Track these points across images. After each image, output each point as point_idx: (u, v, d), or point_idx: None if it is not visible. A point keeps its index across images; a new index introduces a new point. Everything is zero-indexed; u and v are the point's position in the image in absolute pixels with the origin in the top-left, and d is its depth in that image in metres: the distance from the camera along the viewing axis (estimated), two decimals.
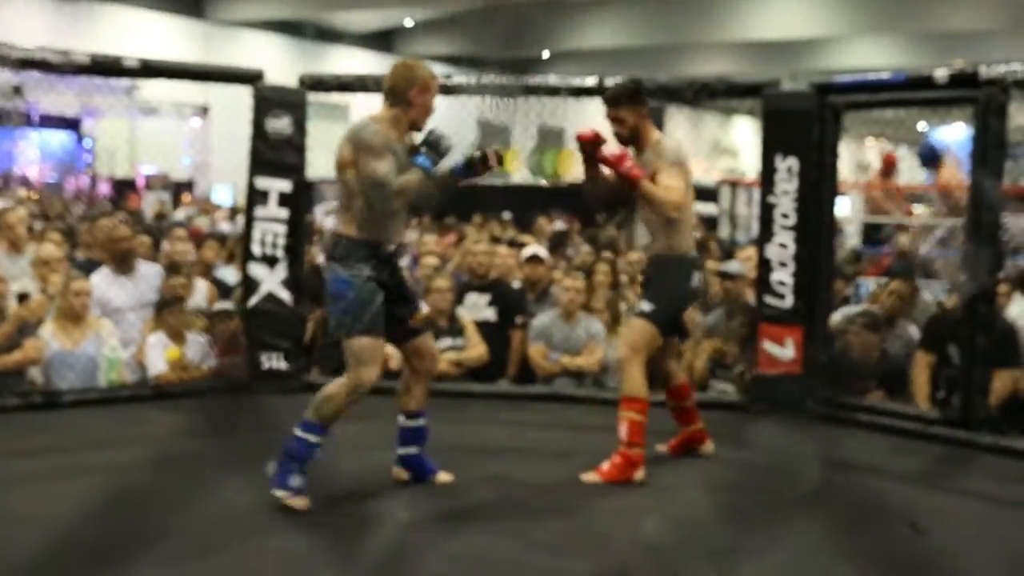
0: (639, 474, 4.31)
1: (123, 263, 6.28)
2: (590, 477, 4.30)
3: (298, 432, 3.94)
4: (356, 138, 3.91)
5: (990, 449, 5.02)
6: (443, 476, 4.31)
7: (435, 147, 3.95)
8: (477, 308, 6.39)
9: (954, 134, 8.77)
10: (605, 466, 4.31)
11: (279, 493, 3.89)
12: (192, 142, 16.62)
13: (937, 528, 3.86)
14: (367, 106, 7.54)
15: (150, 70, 6.18)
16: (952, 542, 3.64)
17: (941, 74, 5.39)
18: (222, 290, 6.77)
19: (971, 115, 5.35)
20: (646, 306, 4.41)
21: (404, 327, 4.13)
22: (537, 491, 4.26)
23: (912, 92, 5.84)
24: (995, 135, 5.21)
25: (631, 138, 4.42)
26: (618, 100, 4.40)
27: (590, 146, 4.30)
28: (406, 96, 3.98)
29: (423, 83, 4.02)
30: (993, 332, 5.24)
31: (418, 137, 4.03)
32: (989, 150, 5.22)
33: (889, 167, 9.94)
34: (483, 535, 3.72)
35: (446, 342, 6.17)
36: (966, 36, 19.08)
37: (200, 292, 6.54)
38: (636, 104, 4.42)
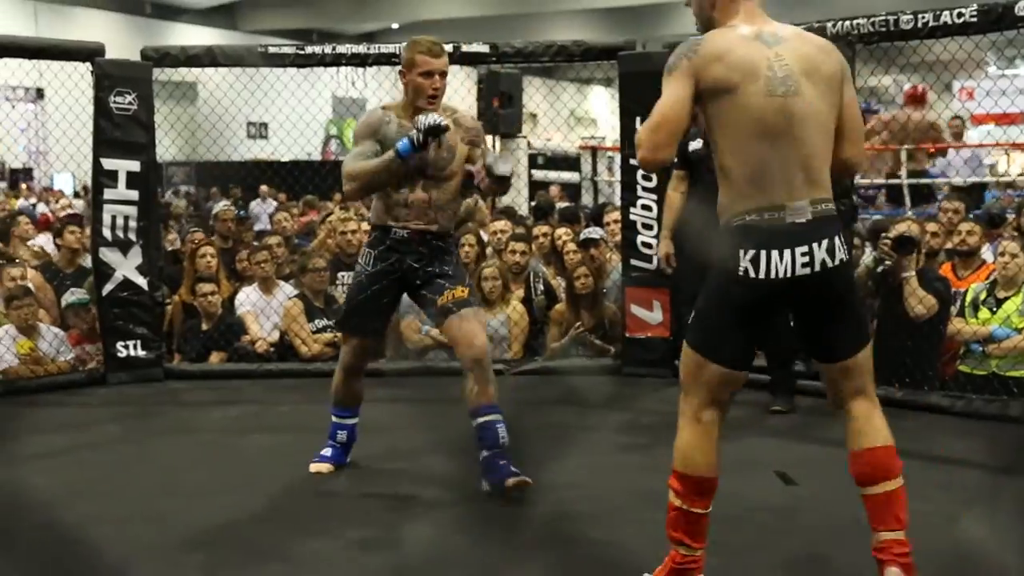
0: None
1: None
2: None
3: None
4: None
5: None
6: (514, 480, 3.69)
7: (419, 128, 3.59)
8: None
9: None
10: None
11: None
12: (27, 128, 15.83)
13: (804, 478, 3.96)
14: (216, 83, 7.39)
15: None
16: (820, 490, 3.74)
17: None
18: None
19: None
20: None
21: (435, 309, 3.82)
22: (423, 466, 4.20)
23: None
24: None
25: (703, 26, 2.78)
26: None
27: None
28: (402, 77, 3.79)
29: (407, 61, 3.76)
30: None
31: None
32: None
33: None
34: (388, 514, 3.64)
35: (322, 323, 6.07)
36: None
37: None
38: None
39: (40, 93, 14.85)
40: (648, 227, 5.92)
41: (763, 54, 2.61)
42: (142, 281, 5.91)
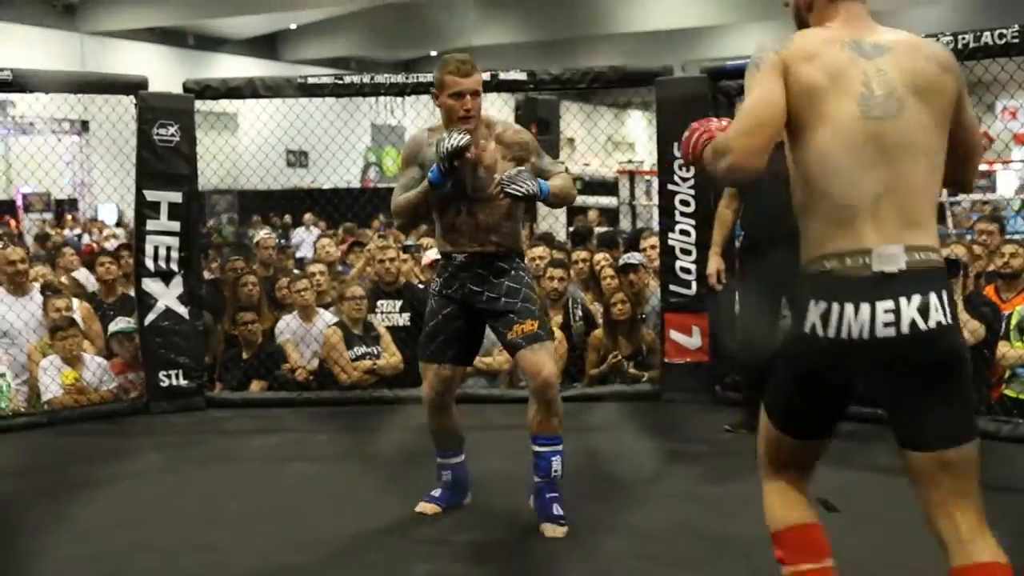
0: None
1: (18, 285, 6.09)
2: None
3: None
4: None
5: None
6: (551, 530, 3.68)
7: (441, 156, 3.52)
8: (390, 315, 6.32)
9: None
10: None
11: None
12: (72, 160, 16.08)
13: (846, 504, 3.90)
14: (257, 114, 7.47)
15: (25, 82, 5.90)
16: (860, 517, 3.69)
17: None
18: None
19: None
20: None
21: (506, 343, 3.75)
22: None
23: None
24: None
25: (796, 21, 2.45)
26: None
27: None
28: (435, 99, 3.69)
29: (437, 82, 3.64)
30: None
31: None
32: None
33: None
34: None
35: (360, 350, 6.10)
36: None
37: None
38: None
39: (85, 126, 15.08)
40: (687, 252, 5.89)
41: (859, 67, 2.18)
42: (183, 311, 5.98)
